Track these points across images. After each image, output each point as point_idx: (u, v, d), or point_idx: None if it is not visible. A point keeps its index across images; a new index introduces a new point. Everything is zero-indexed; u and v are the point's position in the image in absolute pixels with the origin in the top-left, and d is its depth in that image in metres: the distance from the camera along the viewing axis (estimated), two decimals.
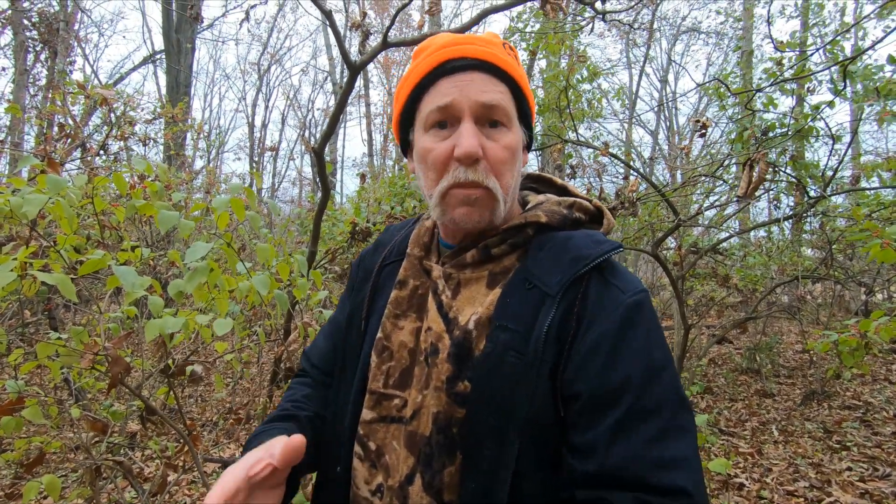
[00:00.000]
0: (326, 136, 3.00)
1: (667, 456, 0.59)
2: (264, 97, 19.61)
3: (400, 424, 0.71)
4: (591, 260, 0.68)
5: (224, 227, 1.01)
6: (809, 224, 5.05)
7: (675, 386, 0.63)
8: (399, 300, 0.77)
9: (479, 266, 0.74)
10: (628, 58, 16.76)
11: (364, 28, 2.83)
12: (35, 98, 8.20)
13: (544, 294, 0.67)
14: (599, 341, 0.64)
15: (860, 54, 2.68)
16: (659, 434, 0.60)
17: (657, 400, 0.61)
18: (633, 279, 0.70)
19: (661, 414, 0.61)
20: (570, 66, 3.67)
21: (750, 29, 10.06)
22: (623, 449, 0.59)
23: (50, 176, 0.90)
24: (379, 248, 0.89)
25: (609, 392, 0.62)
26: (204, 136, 13.46)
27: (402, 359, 0.74)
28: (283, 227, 5.86)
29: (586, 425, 0.62)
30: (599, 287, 0.68)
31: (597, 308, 0.66)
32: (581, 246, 0.70)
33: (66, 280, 0.85)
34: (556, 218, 0.74)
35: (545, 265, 0.70)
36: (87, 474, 1.58)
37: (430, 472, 0.67)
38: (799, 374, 5.83)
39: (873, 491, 3.02)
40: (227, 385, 5.04)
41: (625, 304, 0.66)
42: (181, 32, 9.35)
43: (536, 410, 0.63)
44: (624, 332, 0.64)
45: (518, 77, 0.73)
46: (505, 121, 0.71)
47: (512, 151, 0.71)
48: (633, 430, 0.60)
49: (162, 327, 0.91)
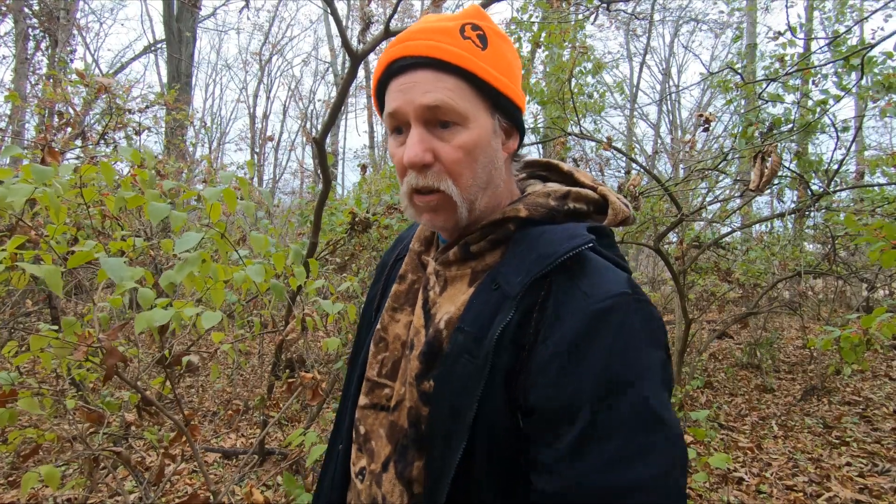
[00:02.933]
0: (328, 127, 2.98)
1: (622, 483, 0.53)
2: (266, 88, 19.53)
3: (386, 413, 0.73)
4: (555, 258, 0.61)
5: (217, 218, 1.00)
6: (812, 219, 5.03)
7: (644, 403, 0.55)
8: (398, 294, 0.78)
9: (462, 264, 0.72)
10: (629, 50, 16.65)
11: (365, 17, 2.80)
12: (36, 87, 8.16)
13: (505, 295, 0.63)
14: (556, 351, 0.58)
15: (868, 47, 2.64)
16: (616, 457, 0.54)
17: (617, 419, 0.55)
18: (608, 280, 0.61)
19: (620, 435, 0.54)
20: (572, 58, 3.63)
21: (753, 22, 9.97)
22: (577, 473, 0.54)
23: (35, 165, 0.88)
24: (398, 243, 0.91)
25: (563, 408, 0.56)
26: (202, 125, 13.43)
27: (396, 350, 0.75)
28: (284, 219, 5.85)
29: (542, 441, 0.58)
30: (564, 289, 0.61)
31: (557, 313, 0.60)
32: (551, 241, 0.64)
33: (54, 272, 0.83)
34: (539, 211, 0.69)
35: (513, 264, 0.65)
36: (85, 464, 1.57)
37: (402, 463, 0.68)
38: (799, 369, 5.83)
39: (872, 486, 3.02)
40: (227, 375, 5.05)
41: (586, 312, 0.58)
42: (182, 21, 9.28)
43: (487, 416, 0.60)
44: (582, 342, 0.57)
45: (470, 66, 0.65)
46: (456, 118, 0.66)
47: (467, 150, 0.66)
48: (589, 453, 0.54)
49: (150, 320, 0.90)
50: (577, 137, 3.98)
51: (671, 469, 0.54)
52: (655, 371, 0.58)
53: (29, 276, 0.94)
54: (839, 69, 2.95)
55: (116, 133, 4.45)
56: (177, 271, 0.92)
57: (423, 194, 0.68)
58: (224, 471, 3.32)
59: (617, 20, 13.97)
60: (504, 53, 0.70)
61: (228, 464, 3.42)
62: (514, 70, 0.72)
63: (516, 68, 0.72)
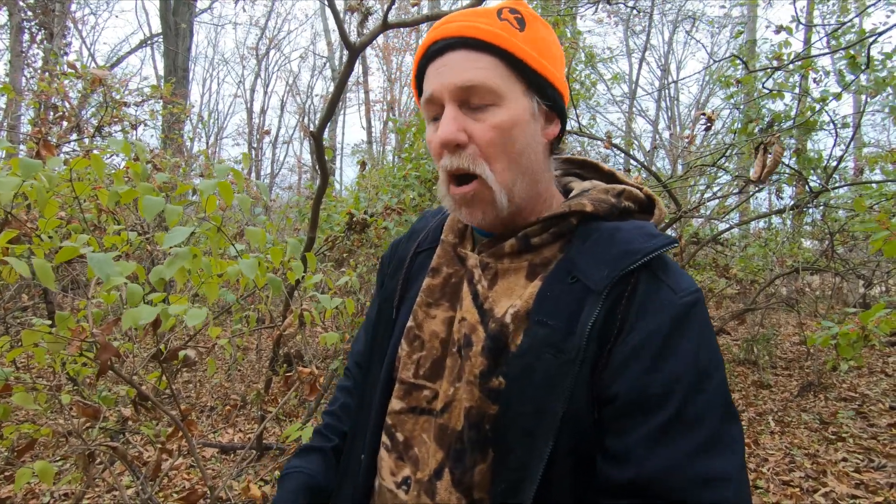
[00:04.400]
0: (325, 120, 2.96)
1: (711, 471, 0.54)
2: (263, 83, 19.44)
3: (430, 416, 0.69)
4: (642, 255, 0.62)
5: (213, 211, 0.98)
6: (811, 216, 5.03)
7: (724, 394, 0.58)
8: (432, 288, 0.74)
9: (517, 256, 0.69)
10: (628, 46, 16.61)
11: (363, 9, 2.77)
12: (31, 80, 8.10)
13: (588, 289, 0.62)
14: (645, 343, 0.59)
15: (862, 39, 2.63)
16: (703, 446, 0.55)
17: (703, 409, 0.56)
18: (686, 278, 0.64)
19: (706, 424, 0.56)
20: (568, 50, 3.61)
21: (754, 18, 9.95)
22: (662, 459, 0.55)
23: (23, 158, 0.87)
24: (413, 235, 0.86)
25: (651, 397, 0.57)
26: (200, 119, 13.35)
27: (434, 349, 0.71)
28: (282, 214, 5.83)
29: (623, 430, 0.58)
30: (649, 285, 0.62)
31: (645, 307, 0.61)
32: (631, 239, 0.64)
33: (46, 267, 0.82)
34: (603, 207, 0.68)
35: (591, 258, 0.64)
36: (80, 460, 1.56)
37: (460, 469, 0.64)
38: (796, 365, 5.85)
39: (868, 482, 3.03)
40: (224, 370, 5.04)
41: (676, 305, 0.60)
42: (179, 15, 9.21)
43: (574, 411, 0.59)
44: (672, 334, 0.59)
45: (506, 44, 0.64)
46: (492, 99, 0.64)
47: (502, 130, 0.64)
48: (675, 440, 0.55)
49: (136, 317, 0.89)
50: (577, 135, 3.96)
51: (743, 462, 0.56)
52: (723, 365, 0.62)
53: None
54: (841, 67, 2.94)
55: (112, 127, 4.41)
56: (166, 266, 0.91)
57: (459, 184, 0.67)
58: (222, 466, 3.32)
59: (616, 15, 13.92)
60: (544, 37, 0.68)
61: (226, 459, 3.41)
62: (554, 53, 0.69)
63: (558, 54, 0.70)
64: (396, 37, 17.65)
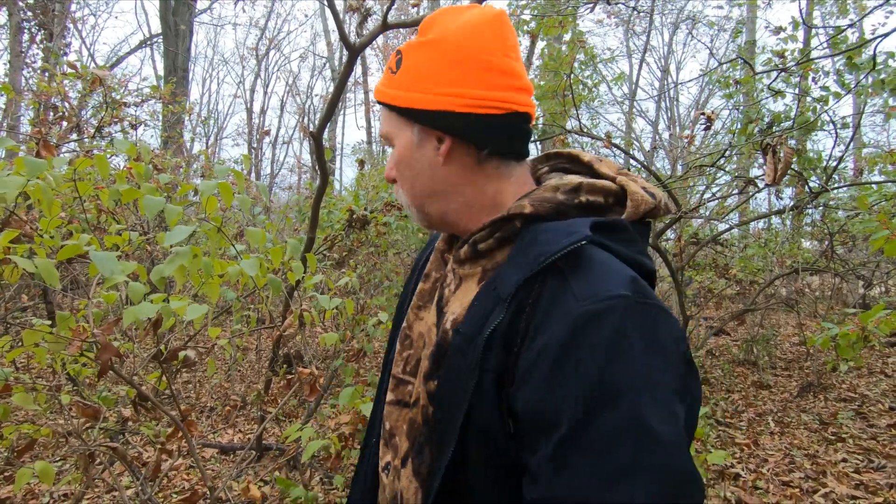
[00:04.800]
0: (325, 121, 2.96)
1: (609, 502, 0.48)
2: (263, 83, 19.43)
3: (408, 409, 0.73)
4: (548, 256, 0.58)
5: (213, 211, 0.98)
6: (810, 216, 5.03)
7: (636, 418, 0.50)
8: (422, 292, 0.79)
9: (473, 262, 0.70)
10: (628, 47, 16.62)
11: (363, 10, 2.77)
12: (30, 81, 8.09)
13: (499, 296, 0.61)
14: (542, 353, 0.55)
15: (865, 44, 2.63)
16: (605, 473, 0.49)
17: (610, 432, 0.50)
18: (604, 280, 0.56)
19: (611, 449, 0.49)
20: (570, 49, 3.61)
21: (753, 18, 9.96)
22: (567, 485, 0.50)
23: (28, 158, 0.86)
24: (430, 243, 0.91)
25: (546, 412, 0.53)
26: (200, 120, 13.35)
27: (420, 348, 0.75)
28: (282, 214, 5.83)
29: (531, 446, 0.55)
30: (555, 289, 0.58)
31: (548, 314, 0.57)
32: (548, 240, 0.61)
33: (48, 266, 0.82)
34: (545, 207, 0.65)
35: (511, 264, 0.64)
36: (80, 460, 1.56)
37: (419, 460, 0.68)
38: (795, 366, 5.85)
39: (868, 482, 3.04)
40: (224, 371, 5.04)
41: (574, 315, 0.54)
42: (178, 15, 9.21)
43: (480, 420, 0.58)
44: (572, 345, 0.53)
45: (382, 97, 0.73)
46: (390, 142, 0.75)
47: (397, 163, 0.75)
48: (575, 463, 0.50)
49: (136, 314, 0.89)
50: (577, 134, 3.97)
51: (667, 498, 0.48)
52: (658, 383, 0.52)
53: (21, 269, 0.92)
54: (841, 67, 2.94)
55: (112, 127, 4.41)
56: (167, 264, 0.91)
57: None
58: (221, 466, 3.32)
59: (617, 17, 13.93)
60: (417, 65, 0.70)
61: (226, 459, 3.41)
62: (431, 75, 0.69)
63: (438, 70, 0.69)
64: (396, 37, 17.65)
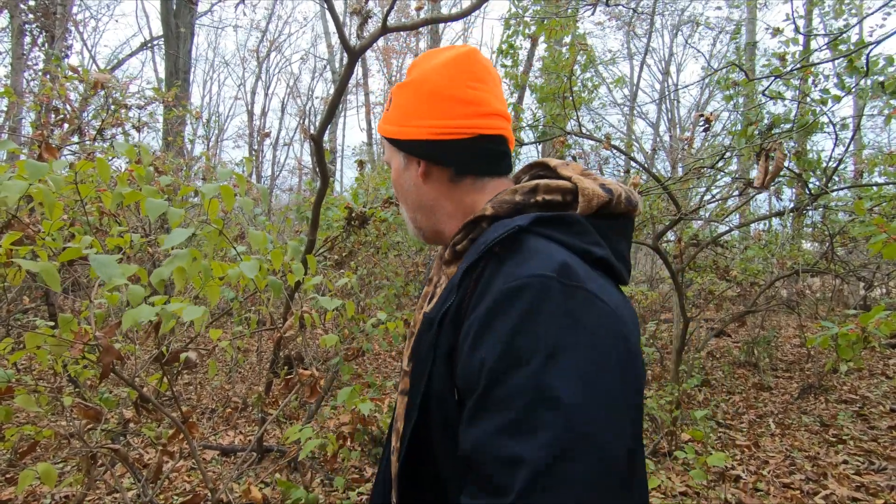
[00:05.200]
0: (325, 123, 2.96)
1: (509, 453, 0.54)
2: (264, 85, 19.47)
3: (405, 395, 0.80)
4: (486, 245, 0.67)
5: (215, 214, 0.99)
6: (811, 218, 5.03)
7: (539, 382, 0.55)
8: (425, 294, 0.89)
9: (453, 263, 0.78)
10: (629, 49, 16.63)
11: (363, 12, 2.78)
12: (32, 83, 8.11)
13: (452, 284, 0.71)
14: (469, 327, 0.63)
15: (861, 48, 2.64)
16: (505, 427, 0.55)
17: (510, 392, 0.55)
18: (532, 263, 0.62)
19: (512, 406, 0.55)
20: (571, 52, 3.62)
21: (753, 20, 9.97)
22: (471, 437, 0.58)
23: (30, 161, 0.87)
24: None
25: (468, 379, 0.61)
26: (203, 123, 13.38)
27: None
28: (282, 215, 5.84)
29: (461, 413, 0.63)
30: (492, 271, 0.66)
31: (482, 294, 0.64)
32: (493, 231, 0.69)
33: (50, 268, 0.82)
34: (504, 207, 0.73)
35: (467, 255, 0.72)
36: (82, 462, 1.57)
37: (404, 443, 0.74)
38: (796, 367, 5.85)
39: (869, 484, 3.03)
40: (225, 373, 5.04)
41: (499, 290, 0.61)
42: (179, 17, 9.24)
43: (437, 390, 0.67)
44: (490, 317, 0.60)
45: (380, 131, 0.89)
46: (388, 165, 0.90)
47: (393, 183, 0.89)
48: (480, 420, 0.57)
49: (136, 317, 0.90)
50: (576, 136, 3.97)
51: (566, 457, 0.52)
52: (565, 350, 0.56)
53: (24, 272, 0.93)
54: (840, 70, 2.95)
55: (114, 129, 4.42)
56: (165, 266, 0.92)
57: None
58: (222, 468, 3.32)
59: (618, 19, 13.95)
60: (401, 103, 0.84)
61: (227, 461, 3.42)
62: (409, 110, 0.83)
63: (415, 106, 0.82)
64: (396, 39, 17.69)
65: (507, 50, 4.14)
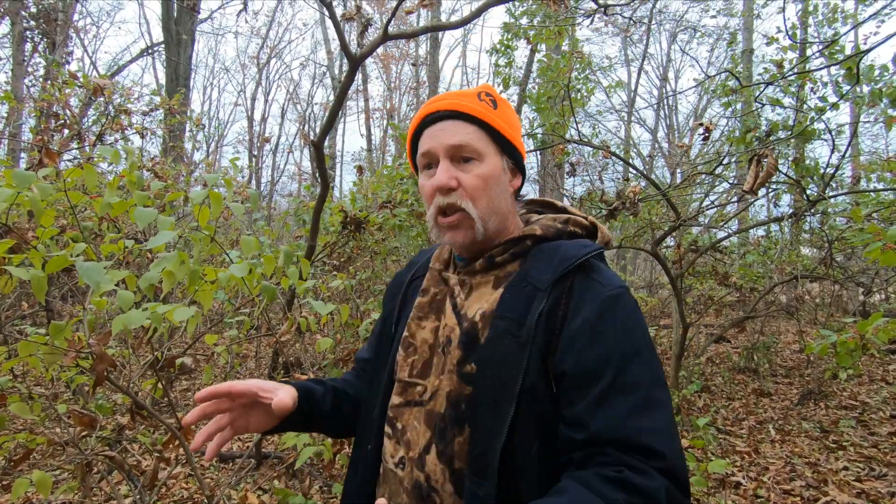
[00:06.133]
0: (326, 130, 2.97)
1: (645, 425, 0.68)
2: (264, 91, 19.54)
3: (420, 407, 0.84)
4: (575, 259, 0.80)
5: (206, 221, 0.99)
6: (809, 224, 5.04)
7: (651, 366, 0.73)
8: (422, 305, 0.92)
9: (485, 272, 0.87)
10: (626, 55, 16.71)
11: (363, 20, 2.80)
12: (32, 89, 8.14)
13: (536, 289, 0.80)
14: (582, 327, 0.75)
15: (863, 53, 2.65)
16: (637, 406, 0.69)
17: (634, 377, 0.71)
18: (613, 277, 0.81)
19: (638, 389, 0.70)
20: (566, 59, 3.64)
21: (749, 28, 10.02)
22: (606, 418, 0.69)
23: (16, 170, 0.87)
24: (411, 266, 1.06)
25: (590, 370, 0.72)
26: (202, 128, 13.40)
27: (424, 352, 0.88)
28: (281, 220, 5.84)
29: (573, 400, 0.72)
30: (583, 283, 0.79)
31: (581, 300, 0.77)
32: (569, 249, 0.82)
33: (40, 277, 0.82)
34: (550, 231, 0.87)
35: (539, 266, 0.82)
36: (77, 469, 1.56)
37: (443, 443, 0.79)
38: (796, 373, 5.83)
39: (869, 490, 3.02)
40: (223, 378, 5.02)
41: (603, 296, 0.77)
42: (180, 24, 9.28)
43: (530, 384, 0.74)
44: (602, 319, 0.75)
45: (486, 118, 0.86)
46: (475, 155, 0.85)
47: (484, 178, 0.85)
48: (615, 402, 0.69)
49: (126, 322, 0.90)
50: (576, 143, 3.98)
51: (674, 420, 0.71)
52: (651, 344, 0.76)
53: (17, 280, 0.93)
54: (838, 79, 2.96)
55: (115, 134, 4.43)
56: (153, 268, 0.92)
57: (447, 215, 0.85)
58: (220, 475, 3.30)
59: (615, 25, 14.01)
60: (509, 116, 0.91)
61: (224, 467, 3.40)
62: (517, 128, 0.92)
63: (518, 128, 0.93)
64: (395, 46, 17.77)
65: (504, 50, 4.14)
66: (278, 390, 0.84)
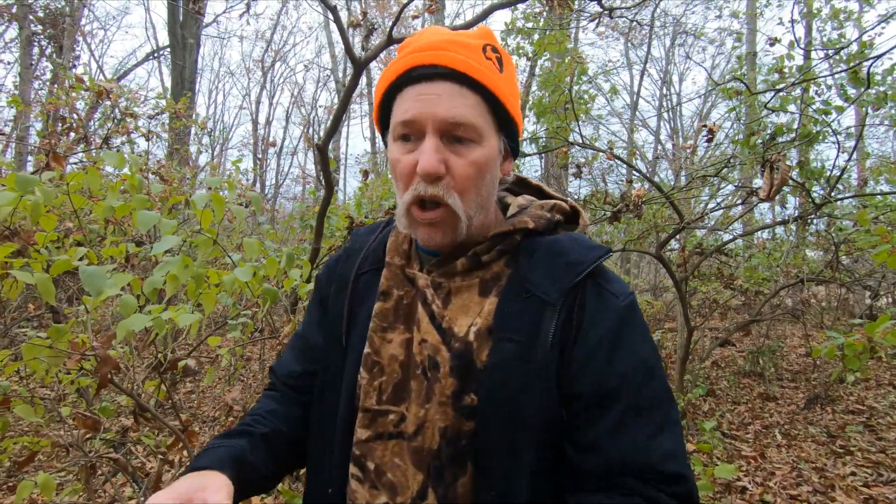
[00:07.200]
0: (330, 133, 2.98)
1: (666, 449, 0.63)
2: (268, 94, 19.62)
3: (400, 440, 0.69)
4: (585, 267, 0.69)
5: (208, 223, 0.99)
6: (815, 226, 5.01)
7: (664, 380, 0.68)
8: (385, 312, 0.73)
9: (469, 274, 0.72)
10: (628, 58, 16.68)
11: (367, 25, 2.81)
12: (39, 92, 8.21)
13: (543, 302, 0.68)
14: (599, 344, 0.66)
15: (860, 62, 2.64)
16: (657, 429, 0.64)
17: (652, 397, 0.66)
18: (621, 282, 0.73)
19: (657, 410, 0.65)
20: (567, 65, 3.64)
21: (753, 30, 9.99)
22: (625, 444, 0.63)
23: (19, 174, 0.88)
24: (351, 256, 0.84)
25: (608, 391, 0.65)
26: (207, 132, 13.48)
27: (395, 372, 0.71)
28: (286, 224, 5.85)
29: (588, 423, 0.65)
30: (595, 293, 0.70)
31: (594, 313, 0.68)
32: (571, 251, 0.71)
33: (46, 280, 0.82)
34: (541, 223, 0.74)
35: (540, 272, 0.70)
36: (81, 472, 1.56)
37: (442, 486, 0.66)
38: (802, 377, 5.78)
39: (877, 496, 2.98)
40: (224, 380, 5.03)
41: (619, 309, 0.69)
42: (186, 28, 9.34)
43: (551, 416, 0.65)
44: (620, 334, 0.67)
45: (493, 86, 0.67)
46: (473, 136, 0.66)
47: (479, 167, 0.67)
48: (634, 426, 0.64)
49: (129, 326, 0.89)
50: (580, 146, 3.97)
51: (682, 435, 0.67)
52: (659, 354, 0.71)
53: (23, 284, 0.93)
54: (842, 82, 2.95)
55: (121, 137, 4.46)
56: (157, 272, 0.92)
57: (425, 210, 0.68)
58: None
59: (615, 30, 14.02)
60: (512, 79, 0.72)
61: None
62: (516, 91, 0.73)
63: (518, 95, 0.75)
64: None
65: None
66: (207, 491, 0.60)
